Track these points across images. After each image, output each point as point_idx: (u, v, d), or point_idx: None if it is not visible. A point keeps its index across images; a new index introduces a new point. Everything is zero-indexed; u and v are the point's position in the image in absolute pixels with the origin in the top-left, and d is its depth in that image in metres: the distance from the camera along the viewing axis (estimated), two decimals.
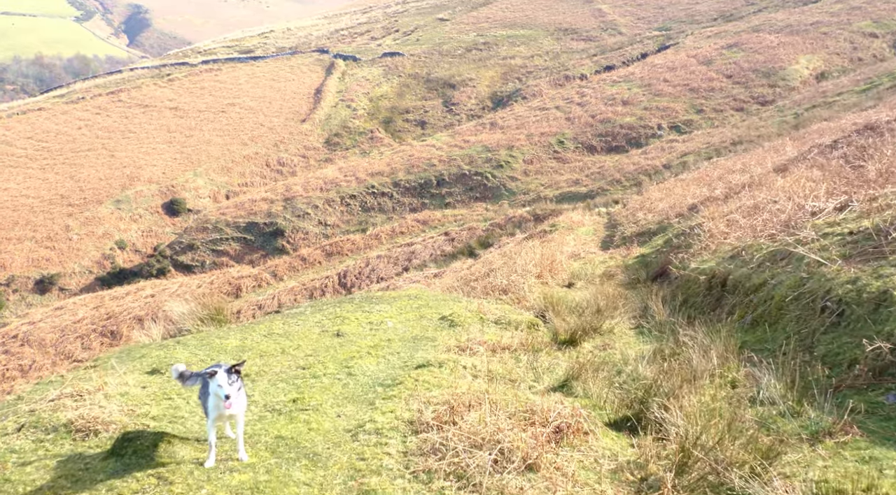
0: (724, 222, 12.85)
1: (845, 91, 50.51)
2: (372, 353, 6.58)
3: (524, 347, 6.60)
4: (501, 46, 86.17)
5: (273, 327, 7.61)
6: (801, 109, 49.10)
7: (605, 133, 55.92)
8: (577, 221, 31.23)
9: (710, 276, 8.45)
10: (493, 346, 6.55)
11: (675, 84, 61.13)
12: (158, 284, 48.50)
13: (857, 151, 19.25)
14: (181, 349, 6.91)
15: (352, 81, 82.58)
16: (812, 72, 59.69)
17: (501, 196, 51.45)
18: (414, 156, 58.26)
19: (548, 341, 7.08)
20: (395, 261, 44.07)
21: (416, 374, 5.71)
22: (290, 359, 6.52)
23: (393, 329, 7.42)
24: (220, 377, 4.45)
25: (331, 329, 7.41)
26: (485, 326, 7.49)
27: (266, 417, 5.18)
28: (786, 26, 69.14)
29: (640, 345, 7.18)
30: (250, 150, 67.64)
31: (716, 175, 28.69)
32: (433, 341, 6.94)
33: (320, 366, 6.22)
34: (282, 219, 53.72)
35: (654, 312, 8.17)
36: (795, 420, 4.65)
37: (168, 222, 58.84)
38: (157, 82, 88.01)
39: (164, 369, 6.22)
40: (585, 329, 7.15)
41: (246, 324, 8.22)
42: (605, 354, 6.76)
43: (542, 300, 8.89)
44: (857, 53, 62.06)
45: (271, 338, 7.26)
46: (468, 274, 21.82)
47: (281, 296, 41.97)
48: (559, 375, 5.89)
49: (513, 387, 5.34)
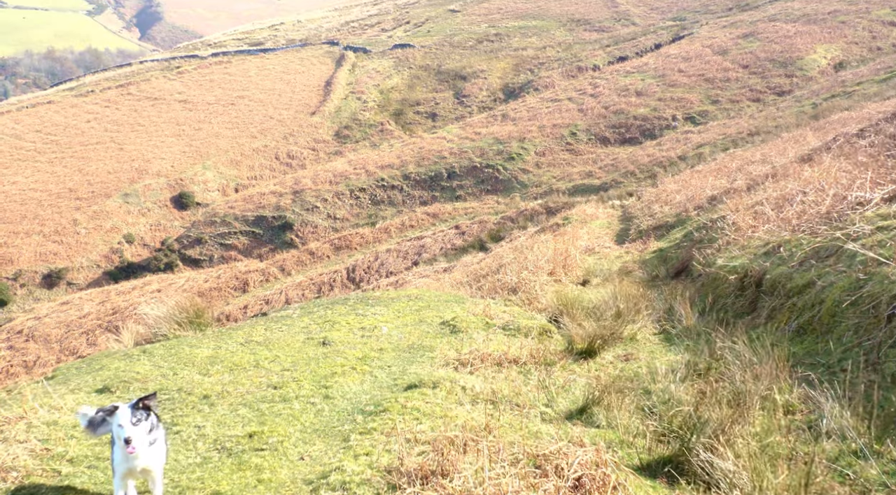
0: (750, 214, 11.97)
1: (865, 80, 49.36)
2: (358, 368, 5.74)
3: (535, 360, 5.75)
4: (513, 37, 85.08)
5: (253, 333, 6.80)
6: (819, 99, 47.96)
7: (619, 124, 54.87)
8: (591, 214, 30.37)
9: (743, 275, 7.59)
10: (498, 359, 5.70)
11: (689, 74, 59.97)
12: (165, 279, 47.92)
13: (887, 140, 18.33)
14: (145, 359, 6.09)
15: (362, 73, 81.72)
16: (830, 61, 58.42)
17: (513, 189, 50.52)
18: (424, 149, 57.40)
19: (562, 351, 6.23)
20: (405, 255, 43.30)
21: (404, 398, 4.82)
22: (263, 374, 5.67)
23: (387, 336, 6.59)
24: (122, 414, 3.47)
25: (317, 336, 6.56)
26: (490, 333, 6.65)
27: (210, 460, 4.24)
28: (802, 15, 67.78)
29: (668, 354, 6.33)
30: (259, 143, 66.93)
31: (734, 166, 27.78)
32: (430, 352, 6.11)
33: (294, 385, 5.36)
34: (290, 213, 53.00)
35: (682, 316, 7.32)
36: (877, 462, 3.77)
37: (176, 216, 58.21)
38: (166, 75, 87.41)
39: (116, 387, 5.38)
40: (605, 336, 6.29)
41: (224, 329, 7.37)
42: (628, 367, 5.91)
43: (555, 302, 8.04)
44: (877, 42, 60.75)
45: (248, 346, 6.43)
46: (478, 268, 21.06)
47: (288, 291, 41.31)
48: (576, 396, 5.03)
49: (520, 416, 4.46)
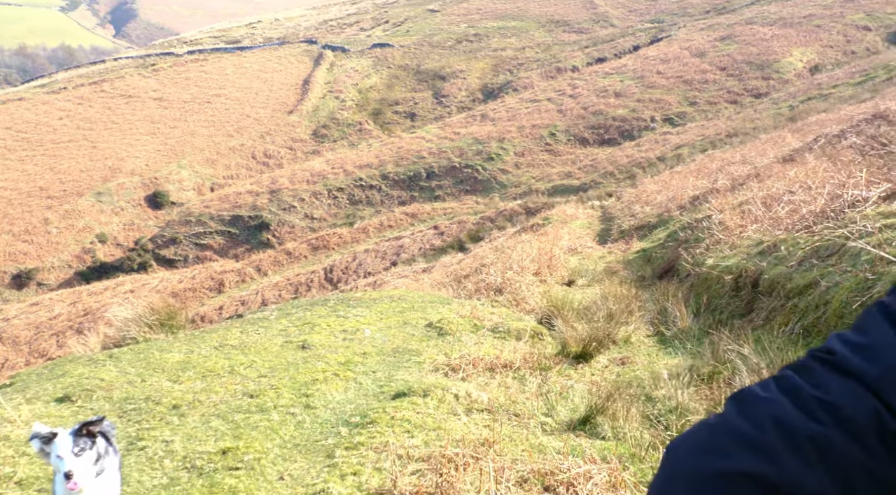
0: (737, 214, 11.78)
1: (840, 83, 49.72)
2: (340, 374, 5.35)
3: (529, 364, 5.41)
4: (492, 38, 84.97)
5: (228, 337, 6.38)
6: (796, 102, 48.25)
7: (598, 125, 54.85)
8: (571, 215, 30.22)
9: (738, 275, 7.33)
10: (490, 364, 5.36)
11: (668, 76, 60.13)
12: (139, 279, 47.15)
13: (868, 140, 18.27)
14: (111, 365, 5.66)
15: (340, 72, 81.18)
16: (806, 64, 58.84)
17: (492, 189, 50.30)
18: (403, 149, 57.03)
19: (556, 355, 5.91)
20: (383, 255, 42.93)
21: (393, 408, 4.45)
22: (239, 381, 5.25)
23: (371, 339, 6.22)
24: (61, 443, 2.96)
25: (296, 339, 6.17)
26: (479, 336, 6.33)
27: (179, 481, 3.78)
28: (779, 19, 68.25)
29: (666, 357, 6.05)
30: (236, 142, 66.21)
31: (714, 167, 27.72)
32: (418, 356, 5.77)
33: (273, 393, 4.95)
34: (267, 213, 52.39)
35: (676, 317, 7.05)
36: None
37: (151, 215, 57.34)
38: (141, 72, 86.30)
39: (77, 395, 4.94)
40: (599, 339, 5.99)
41: (198, 332, 6.93)
42: (625, 371, 5.61)
43: (544, 303, 7.74)
44: (851, 46, 61.28)
45: (223, 351, 6.02)
46: (458, 269, 20.77)
47: (265, 292, 40.78)
48: (576, 405, 4.70)
49: (520, 427, 4.13)
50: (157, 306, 7.20)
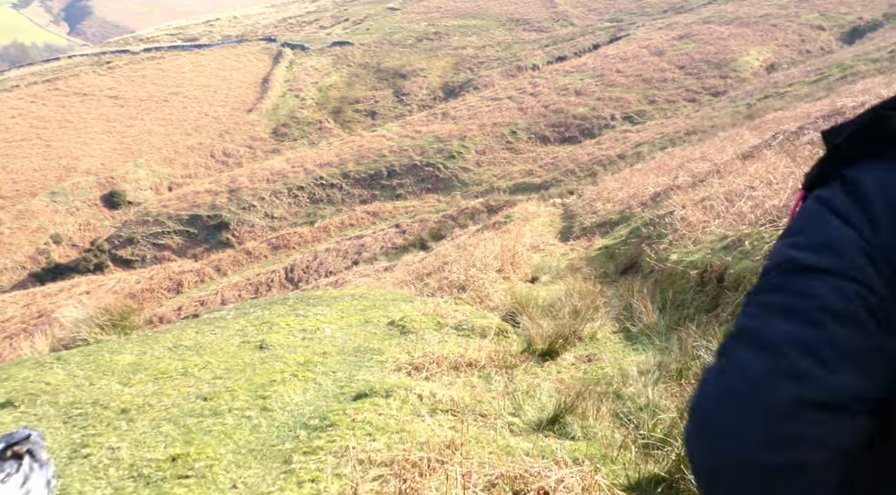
0: (699, 209, 11.80)
1: (796, 82, 50.42)
2: (299, 375, 5.12)
3: (494, 363, 5.27)
4: (453, 36, 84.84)
5: (183, 337, 6.13)
6: (753, 100, 48.84)
7: (559, 123, 55.02)
8: (533, 212, 30.21)
9: (703, 270, 7.29)
10: (454, 362, 5.19)
11: (627, 75, 60.54)
12: (95, 280, 46.18)
13: None
14: (59, 368, 5.38)
15: (300, 71, 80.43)
16: (762, 63, 59.67)
17: (454, 187, 50.19)
18: (364, 147, 56.65)
19: (521, 352, 5.77)
20: (345, 254, 42.59)
21: (354, 410, 4.23)
22: (192, 383, 5.00)
23: (331, 338, 6.02)
24: None
25: (254, 339, 5.95)
26: (443, 333, 6.17)
27: (124, 491, 3.49)
28: (735, 18, 69.11)
29: (633, 354, 5.96)
30: (194, 141, 65.23)
31: (674, 164, 27.89)
32: (380, 355, 5.58)
33: (228, 395, 4.70)
34: (226, 212, 51.66)
35: (642, 313, 6.97)
36: None
37: (107, 215, 56.21)
38: (96, 70, 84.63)
39: (20, 400, 4.63)
40: (565, 336, 5.87)
41: (151, 333, 6.66)
42: (592, 368, 5.51)
43: (509, 300, 7.61)
44: (806, 45, 62.29)
45: (177, 352, 5.77)
46: (420, 267, 20.63)
47: (224, 292, 40.22)
48: (543, 403, 4.56)
49: (486, 427, 3.97)
50: (109, 306, 6.94)
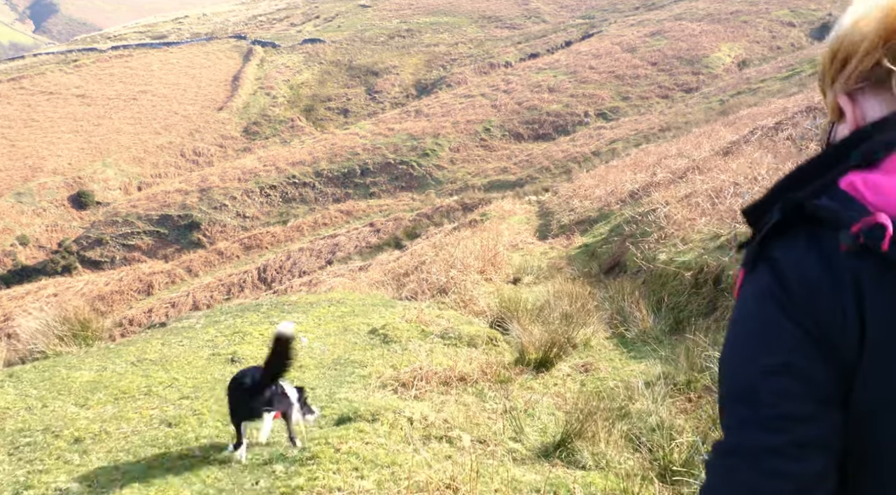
0: (684, 206, 11.52)
1: (768, 78, 50.73)
2: None
3: (487, 376, 4.86)
4: (425, 34, 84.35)
5: (147, 350, 5.62)
6: (726, 96, 49.03)
7: (532, 120, 54.81)
8: (509, 210, 29.98)
9: (697, 271, 6.97)
10: (444, 377, 4.76)
11: (600, 71, 60.50)
12: (63, 282, 45.14)
13: (804, 132, 18.37)
14: (10, 386, 4.84)
15: (271, 68, 79.49)
16: (734, 59, 59.98)
17: (428, 185, 49.78)
18: (337, 145, 56.02)
19: (514, 363, 5.40)
20: (318, 253, 42.02)
21: (337, 438, 3.75)
22: (157, 404, 4.48)
23: (308, 349, 5.59)
24: None
25: (224, 351, 5.51)
26: (428, 342, 5.75)
27: None
28: (707, 15, 69.36)
29: (631, 362, 5.61)
30: (164, 140, 64.17)
31: (651, 161, 27.76)
32: (362, 369, 5.13)
33: (195, 420, 4.18)
34: (197, 212, 50.78)
35: (637, 317, 6.63)
36: None
37: (75, 216, 55.07)
38: (62, 69, 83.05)
39: None
40: (559, 343, 5.51)
41: (114, 345, 6.15)
42: (590, 380, 5.15)
43: (496, 304, 7.24)
44: (776, 42, 62.75)
45: (140, 367, 5.22)
46: (396, 266, 20.29)
47: (196, 294, 39.47)
48: (545, 424, 4.13)
49: (486, 455, 3.54)
50: (69, 316, 6.46)
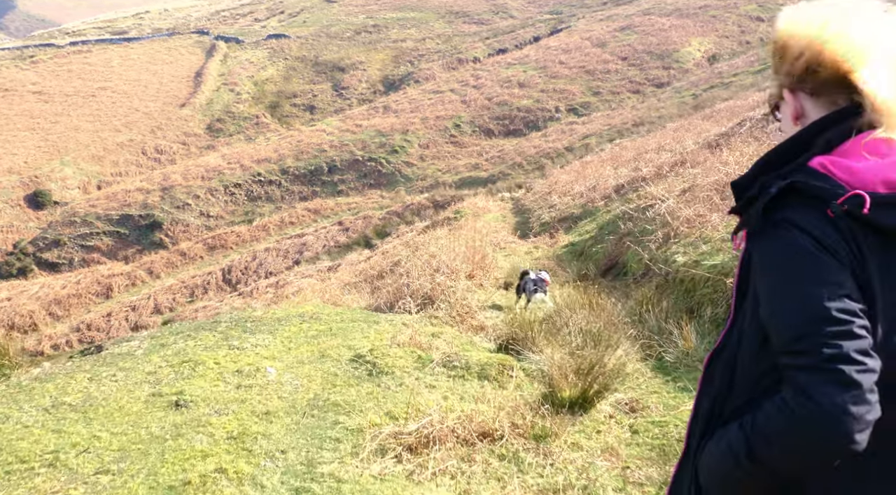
0: (684, 202, 10.52)
1: (741, 72, 50.52)
2: (231, 463, 3.25)
3: (519, 429, 3.65)
4: (392, 29, 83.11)
5: (69, 388, 4.23)
6: (699, 90, 48.65)
7: (503, 116, 53.90)
8: (483, 207, 28.95)
9: None
10: (463, 435, 3.48)
11: (570, 66, 59.81)
12: (17, 286, 43.24)
13: None
14: None
15: (235, 64, 77.68)
16: (704, 54, 59.75)
17: (397, 182, 48.61)
18: (303, 142, 54.60)
19: (541, 401, 4.21)
20: (285, 253, 40.70)
21: None
22: (60, 486, 3.07)
23: (276, 384, 4.24)
24: None
25: (169, 389, 4.17)
26: (429, 374, 4.50)
27: None
28: (675, 10, 69.07)
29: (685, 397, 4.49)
30: (124, 137, 62.18)
31: (629, 155, 26.96)
32: (349, 416, 3.85)
33: None
34: (159, 211, 49.06)
35: (675, 336, 5.51)
36: None
37: (31, 216, 53.00)
38: (18, 65, 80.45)
39: None
40: (594, 374, 4.33)
41: (27, 381, 4.74)
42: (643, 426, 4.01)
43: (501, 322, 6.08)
44: (745, 36, 62.72)
45: (55, 415, 3.84)
46: (368, 267, 19.19)
47: (157, 296, 37.94)
48: None
49: None
50: None
